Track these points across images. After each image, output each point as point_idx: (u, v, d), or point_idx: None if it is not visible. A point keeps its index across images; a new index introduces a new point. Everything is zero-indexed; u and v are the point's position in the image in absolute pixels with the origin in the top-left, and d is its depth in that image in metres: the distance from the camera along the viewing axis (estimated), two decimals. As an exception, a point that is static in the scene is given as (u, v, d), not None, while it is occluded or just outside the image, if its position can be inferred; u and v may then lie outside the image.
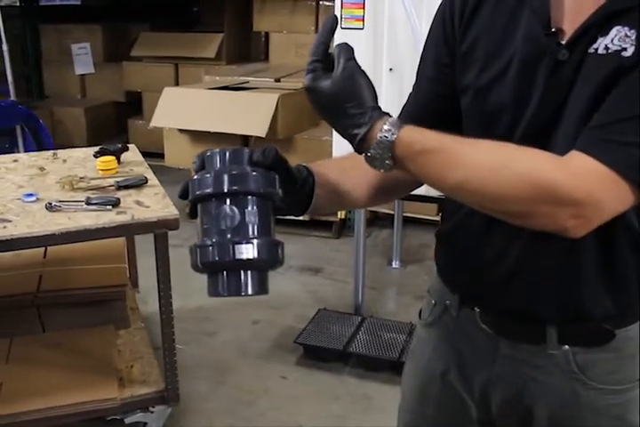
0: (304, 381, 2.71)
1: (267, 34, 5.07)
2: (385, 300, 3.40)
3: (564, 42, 0.94)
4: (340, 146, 2.72)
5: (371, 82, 0.92)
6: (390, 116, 0.90)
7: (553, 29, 0.95)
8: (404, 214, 3.78)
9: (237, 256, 0.83)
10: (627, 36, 0.90)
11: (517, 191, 0.84)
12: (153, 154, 3.86)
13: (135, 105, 5.46)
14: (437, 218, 4.10)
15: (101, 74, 5.62)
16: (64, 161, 2.55)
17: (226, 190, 0.85)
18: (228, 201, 0.85)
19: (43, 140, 4.38)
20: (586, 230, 0.86)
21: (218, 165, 0.88)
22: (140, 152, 2.65)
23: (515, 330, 1.06)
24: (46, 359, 2.32)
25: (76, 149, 2.74)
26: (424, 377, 1.22)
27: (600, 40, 0.92)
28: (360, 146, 0.90)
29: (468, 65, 1.03)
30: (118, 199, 2.08)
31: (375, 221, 4.15)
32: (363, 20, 2.52)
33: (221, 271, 0.85)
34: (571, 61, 0.94)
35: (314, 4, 4.74)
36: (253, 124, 3.64)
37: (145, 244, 2.22)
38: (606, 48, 0.91)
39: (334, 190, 1.04)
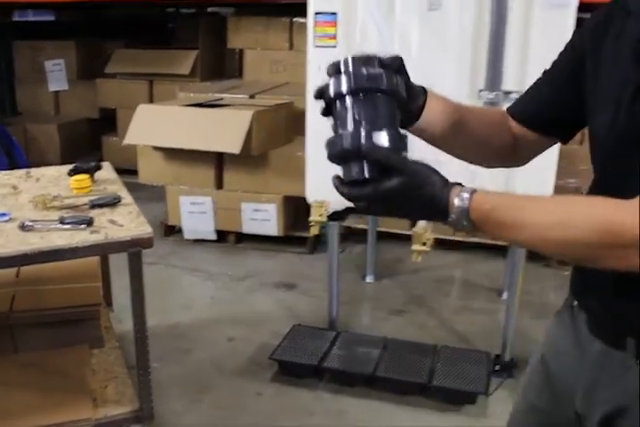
0: (280, 397, 2.71)
1: (241, 50, 5.09)
2: (359, 314, 3.42)
3: None
4: (315, 162, 2.75)
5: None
6: (460, 185, 0.95)
7: None
8: (378, 229, 3.81)
9: (376, 142, 0.92)
10: None
11: (585, 240, 0.88)
12: (127, 171, 3.85)
13: (109, 122, 5.44)
14: (411, 232, 4.13)
15: (75, 91, 5.61)
16: (37, 180, 2.55)
17: (362, 86, 0.96)
18: (362, 96, 0.96)
19: (16, 157, 4.37)
20: None
21: (352, 68, 0.98)
22: (114, 169, 2.65)
23: None
24: (19, 380, 2.30)
25: (50, 167, 2.74)
26: None
27: None
28: (441, 217, 0.95)
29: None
30: (92, 218, 2.09)
31: (349, 236, 4.17)
32: (335, 39, 2.55)
33: (357, 158, 0.93)
34: None
35: (288, 21, 4.77)
36: (227, 141, 3.66)
37: (119, 261, 2.22)
38: None
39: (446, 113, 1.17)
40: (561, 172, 2.63)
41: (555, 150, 2.47)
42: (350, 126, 0.94)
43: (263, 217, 3.99)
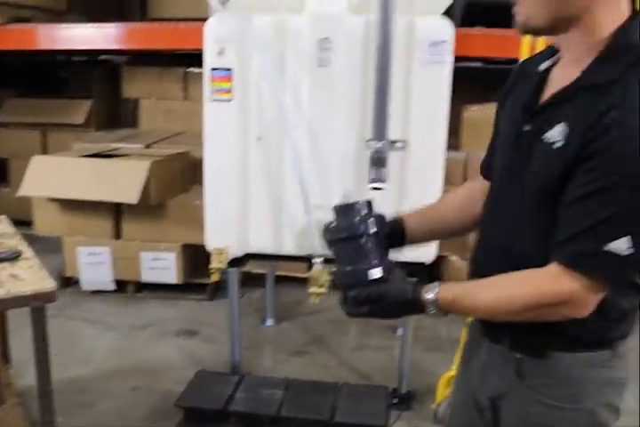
0: (186, 444, 2.73)
1: (136, 100, 5.15)
2: (261, 358, 3.47)
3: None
4: (213, 211, 2.84)
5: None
6: (427, 285, 1.28)
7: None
8: (277, 273, 3.91)
9: (370, 277, 1.28)
10: (562, 130, 1.18)
11: (524, 309, 1.21)
12: (22, 222, 3.80)
13: (1, 172, 5.33)
14: (307, 275, 4.25)
15: (-35, 141, 5.47)
16: None
17: (355, 234, 1.32)
18: (357, 240, 1.31)
19: None
20: (588, 312, 1.19)
21: (345, 217, 1.35)
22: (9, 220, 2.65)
23: None
24: None
25: (-57, 221, 2.69)
26: None
27: (549, 129, 1.21)
28: (420, 313, 1.29)
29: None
30: (-8, 272, 2.09)
31: (248, 281, 4.23)
32: (231, 93, 2.68)
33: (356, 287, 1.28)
34: (529, 134, 1.27)
35: (182, 71, 4.89)
36: (125, 191, 3.69)
37: (16, 315, 2.21)
38: (549, 137, 1.20)
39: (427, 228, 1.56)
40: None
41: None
42: (351, 265, 1.31)
43: (162, 265, 4.02)
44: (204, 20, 4.35)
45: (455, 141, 4.03)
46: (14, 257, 2.26)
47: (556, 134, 1.19)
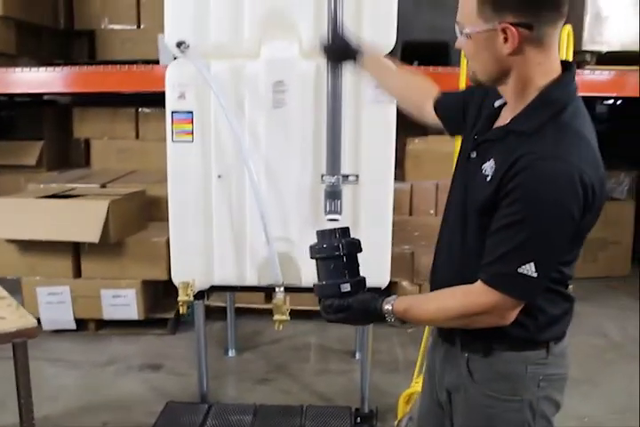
0: (160, 474, 2.81)
1: (86, 140, 5.24)
2: (227, 387, 3.58)
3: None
4: (178, 247, 2.97)
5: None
6: (387, 297, 1.55)
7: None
8: (236, 305, 4.04)
9: (342, 290, 1.55)
10: (492, 166, 1.43)
11: (458, 318, 1.48)
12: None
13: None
14: (266, 306, 4.39)
15: None
16: None
17: (332, 255, 1.59)
18: (333, 260, 1.58)
19: None
20: (508, 321, 1.45)
21: (325, 240, 1.62)
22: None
23: None
24: None
25: None
26: None
27: (485, 161, 1.45)
28: (381, 321, 1.55)
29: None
30: (-28, 313, 2.18)
31: (209, 314, 4.34)
32: (192, 134, 2.84)
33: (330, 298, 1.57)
34: (475, 161, 1.50)
35: (133, 111, 5.02)
36: (85, 231, 3.79)
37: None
38: (484, 169, 1.45)
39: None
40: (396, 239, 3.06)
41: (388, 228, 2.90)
42: (328, 279, 1.59)
43: (123, 302, 4.09)
44: (153, 62, 4.56)
45: (400, 173, 4.27)
46: (-9, 297, 2.36)
47: (488, 168, 1.43)
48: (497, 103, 1.54)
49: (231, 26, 2.77)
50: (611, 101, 6.68)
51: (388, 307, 1.51)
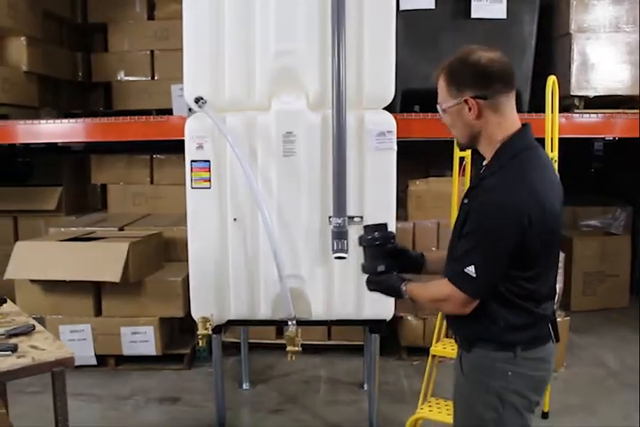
0: None
1: (103, 185, 5.50)
2: (242, 417, 3.77)
3: None
4: (197, 285, 3.19)
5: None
6: (405, 280, 2.07)
7: None
8: (248, 340, 4.24)
9: (377, 270, 2.11)
10: (469, 200, 1.91)
11: (431, 300, 2.04)
12: None
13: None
14: (277, 341, 4.59)
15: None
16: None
17: (370, 244, 2.13)
18: (373, 247, 2.12)
19: None
20: (465, 310, 1.88)
21: (368, 233, 2.14)
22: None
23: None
24: None
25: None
26: None
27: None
28: (400, 297, 2.08)
29: None
30: (16, 345, 2.40)
31: (222, 349, 4.54)
32: (209, 181, 3.10)
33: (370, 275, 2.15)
34: (466, 205, 1.92)
35: (148, 157, 5.29)
36: (107, 271, 4.02)
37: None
38: (465, 202, 1.92)
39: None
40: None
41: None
42: (370, 262, 2.14)
43: (142, 339, 4.30)
44: (166, 111, 4.85)
45: (403, 213, 4.51)
46: (30, 331, 2.58)
47: (466, 200, 1.93)
48: (485, 162, 1.96)
49: (244, 82, 3.06)
50: (605, 140, 6.93)
51: (403, 287, 2.04)
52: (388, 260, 2.12)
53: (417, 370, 4.38)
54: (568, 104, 4.44)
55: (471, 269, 1.81)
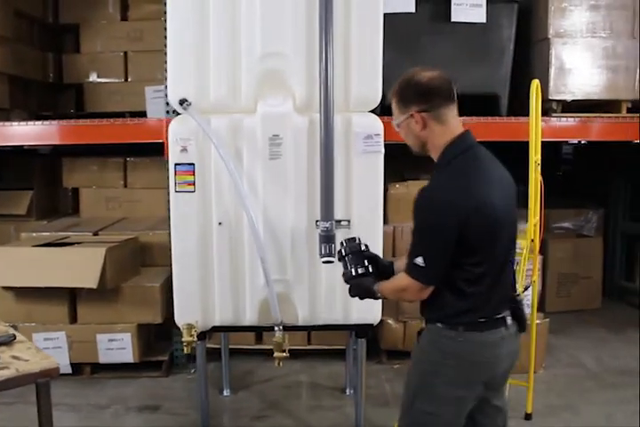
0: None
1: (74, 189, 5.38)
2: (224, 424, 3.69)
3: None
4: (181, 292, 3.13)
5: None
6: (377, 282, 2.32)
7: None
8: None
9: (354, 274, 2.37)
10: None
11: (394, 292, 2.28)
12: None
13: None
14: (257, 347, 4.54)
15: None
16: None
17: (346, 253, 2.43)
18: (351, 255, 2.42)
19: None
20: (421, 296, 2.17)
21: (345, 245, 2.44)
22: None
23: None
24: None
25: None
26: None
27: None
28: (375, 297, 2.37)
29: None
30: (-3, 357, 2.32)
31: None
32: (194, 185, 3.04)
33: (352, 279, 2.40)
34: None
35: (121, 160, 5.19)
36: (83, 277, 3.93)
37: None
38: None
39: None
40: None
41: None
42: (345, 268, 2.42)
43: (119, 346, 4.21)
44: (140, 113, 4.77)
45: (383, 216, 4.48)
46: (10, 340, 2.50)
47: None
48: None
49: (229, 84, 3.01)
50: (575, 144, 7.01)
51: (376, 287, 2.29)
52: (365, 264, 2.38)
53: (398, 373, 4.37)
54: (546, 108, 4.46)
55: (420, 260, 2.06)
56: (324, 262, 2.96)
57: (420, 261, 2.06)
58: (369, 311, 3.11)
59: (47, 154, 5.96)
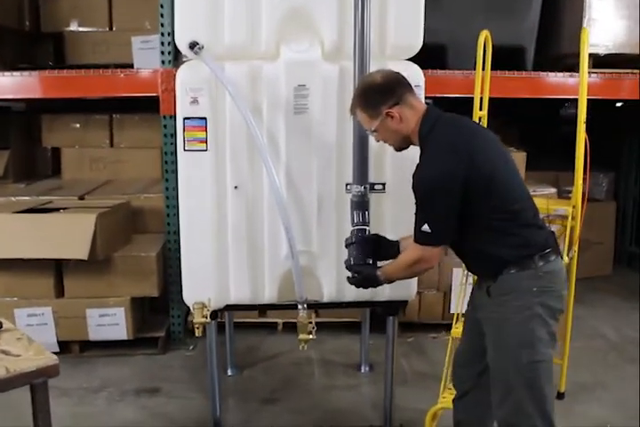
0: None
1: (53, 149, 4.95)
2: (233, 409, 3.33)
3: None
4: (190, 267, 2.75)
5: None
6: (377, 267, 2.40)
7: None
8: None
9: (356, 262, 2.43)
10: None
11: (405, 269, 2.28)
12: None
13: None
14: (260, 320, 4.19)
15: None
16: None
17: (353, 242, 2.47)
18: (355, 244, 2.46)
19: None
20: (434, 263, 2.22)
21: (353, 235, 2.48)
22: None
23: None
24: None
25: None
26: None
27: None
28: (379, 284, 2.41)
29: None
30: (-18, 351, 1.92)
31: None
32: (206, 142, 2.63)
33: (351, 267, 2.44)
34: None
35: (107, 117, 4.76)
36: (72, 247, 3.53)
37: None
38: None
39: None
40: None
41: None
42: (352, 258, 2.44)
43: (111, 322, 3.83)
44: (127, 65, 4.32)
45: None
46: (-3, 329, 2.11)
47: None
48: None
49: (247, 25, 2.59)
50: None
51: (378, 273, 2.34)
52: (367, 254, 2.43)
53: (412, 348, 4.09)
54: (573, 63, 4.10)
55: (426, 227, 2.12)
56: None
57: (426, 228, 2.12)
58: (404, 286, 2.75)
59: (23, 111, 5.46)
